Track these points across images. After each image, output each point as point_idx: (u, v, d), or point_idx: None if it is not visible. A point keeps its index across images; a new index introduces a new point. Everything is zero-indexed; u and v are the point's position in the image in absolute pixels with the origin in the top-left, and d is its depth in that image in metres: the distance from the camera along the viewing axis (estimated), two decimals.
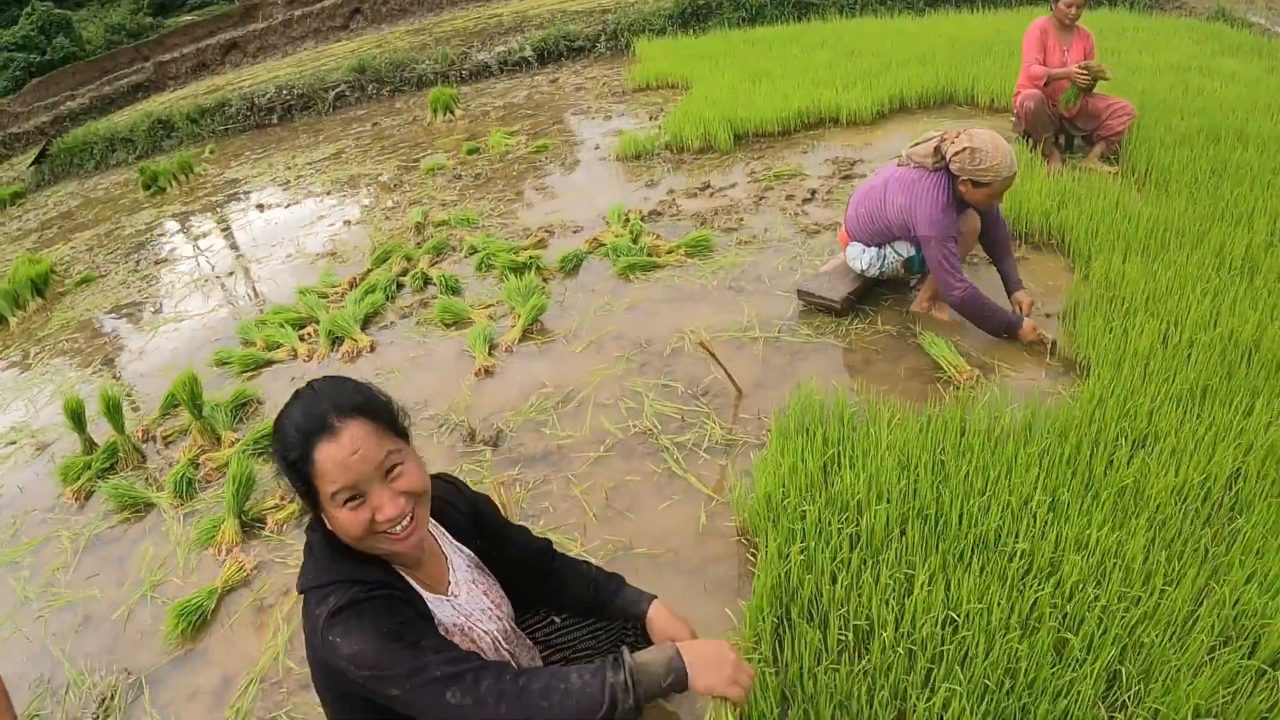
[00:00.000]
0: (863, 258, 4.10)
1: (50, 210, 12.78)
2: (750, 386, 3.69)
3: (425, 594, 1.68)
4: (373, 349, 5.03)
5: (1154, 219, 4.29)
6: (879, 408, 3.15)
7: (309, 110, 13.59)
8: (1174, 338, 3.27)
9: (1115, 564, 2.28)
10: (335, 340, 5.20)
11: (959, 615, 2.17)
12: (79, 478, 4.44)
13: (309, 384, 1.57)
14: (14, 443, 5.17)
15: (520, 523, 3.12)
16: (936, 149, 3.70)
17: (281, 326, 5.50)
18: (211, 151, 13.11)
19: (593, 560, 2.37)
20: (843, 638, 2.23)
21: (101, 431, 4.65)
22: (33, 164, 14.92)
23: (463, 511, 1.88)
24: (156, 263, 8.25)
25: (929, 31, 9.93)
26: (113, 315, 7.08)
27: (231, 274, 7.24)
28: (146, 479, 4.34)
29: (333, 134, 11.89)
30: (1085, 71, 5.28)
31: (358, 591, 1.50)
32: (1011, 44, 8.25)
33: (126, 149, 14.47)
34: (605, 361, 4.18)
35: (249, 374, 5.19)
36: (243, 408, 4.81)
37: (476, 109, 11.04)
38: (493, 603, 1.84)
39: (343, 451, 1.46)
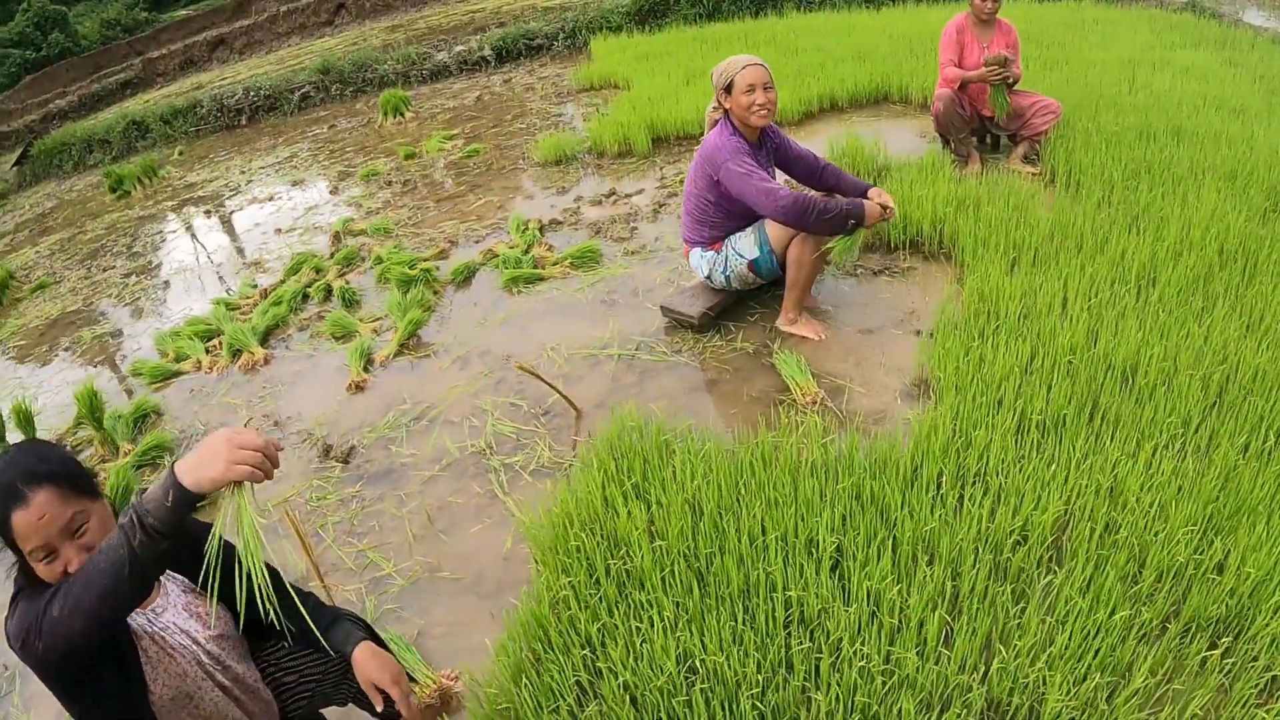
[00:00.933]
0: (703, 265, 4.07)
1: (26, 212, 12.86)
2: (593, 406, 3.72)
3: None
4: (267, 361, 5.08)
5: (1054, 225, 4.21)
6: (692, 435, 3.12)
7: (275, 111, 13.64)
8: (1041, 360, 3.15)
9: (889, 619, 2.14)
10: (236, 353, 5.25)
11: (702, 663, 2.12)
12: None
13: (7, 451, 1.67)
14: None
15: (350, 540, 3.21)
16: (716, 102, 3.89)
17: (191, 339, 5.56)
18: (181, 153, 13.16)
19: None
20: (579, 680, 2.24)
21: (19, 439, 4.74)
22: (15, 164, 15.01)
23: (184, 544, 1.94)
24: (105, 270, 8.31)
25: (881, 27, 9.87)
26: (56, 325, 7.14)
27: (166, 283, 7.30)
28: None
29: (292, 136, 11.93)
30: (997, 67, 5.15)
31: (27, 617, 1.59)
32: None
33: (103, 150, 14.55)
34: (466, 378, 4.22)
35: (158, 385, 5.25)
36: (144, 419, 4.86)
37: (428, 111, 11.06)
38: (201, 623, 1.91)
39: (31, 517, 1.60)
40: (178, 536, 1.52)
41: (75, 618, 1.50)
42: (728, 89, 3.74)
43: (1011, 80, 5.31)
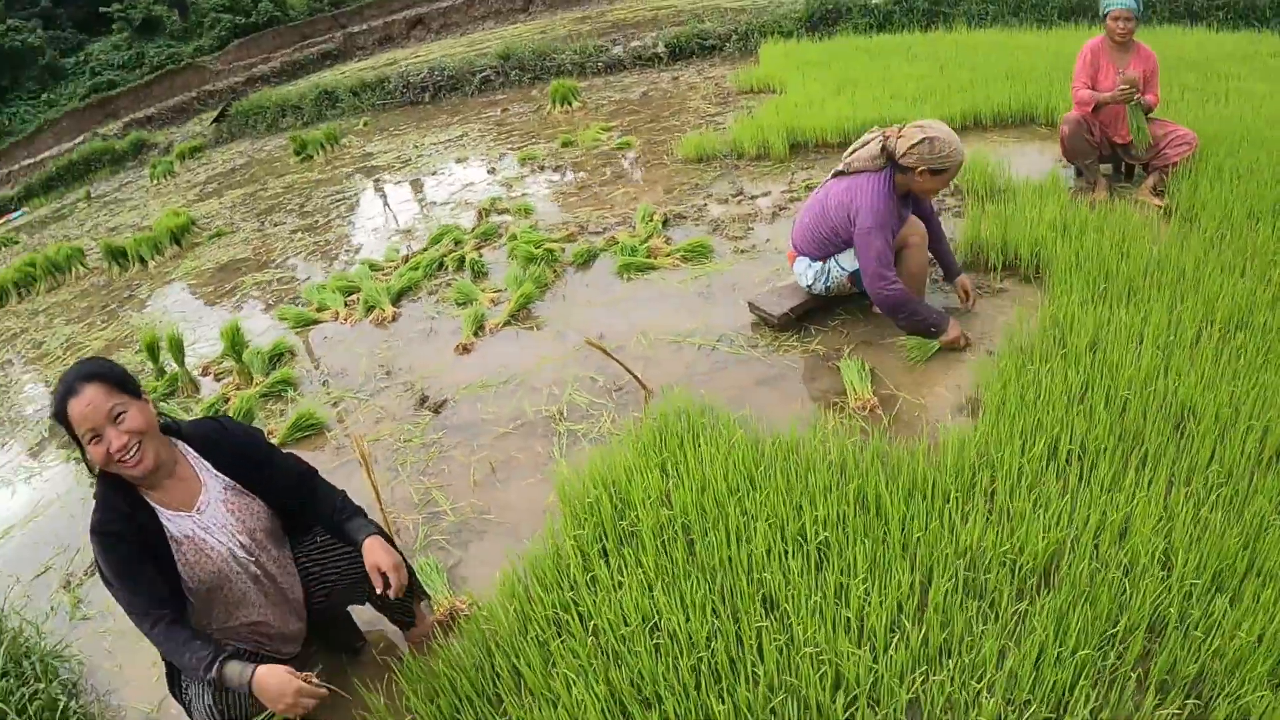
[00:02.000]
0: (808, 273, 4.30)
1: (218, 167, 14.20)
2: (663, 388, 4.02)
3: (164, 511, 2.26)
4: (395, 319, 5.66)
5: (1156, 259, 4.20)
6: (731, 421, 3.39)
7: (457, 91, 14.54)
8: (1094, 391, 3.21)
9: (846, 613, 2.33)
10: (370, 308, 5.83)
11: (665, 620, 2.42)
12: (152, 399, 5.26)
13: (75, 365, 2.18)
14: None
15: (421, 478, 3.66)
16: (882, 148, 3.90)
17: (334, 292, 6.22)
18: (366, 124, 14.21)
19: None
20: (557, 615, 2.57)
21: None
22: (214, 121, 16.49)
23: (224, 447, 2.40)
24: (276, 225, 9.21)
25: (1043, 46, 9.77)
26: (225, 269, 8.00)
27: (327, 241, 8.05)
28: (190, 405, 5.08)
29: (467, 116, 12.74)
30: (1129, 88, 5.09)
31: (98, 520, 2.19)
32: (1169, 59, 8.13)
33: (295, 115, 15.86)
34: (559, 351, 4.63)
35: (300, 329, 5.92)
36: (279, 357, 5.50)
37: (595, 102, 11.61)
38: (238, 519, 2.36)
39: (81, 404, 2.12)
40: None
41: (141, 626, 2.20)
42: (937, 170, 3.83)
43: (1146, 107, 5.27)
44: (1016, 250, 4.61)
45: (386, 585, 2.31)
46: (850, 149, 4.08)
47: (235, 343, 5.44)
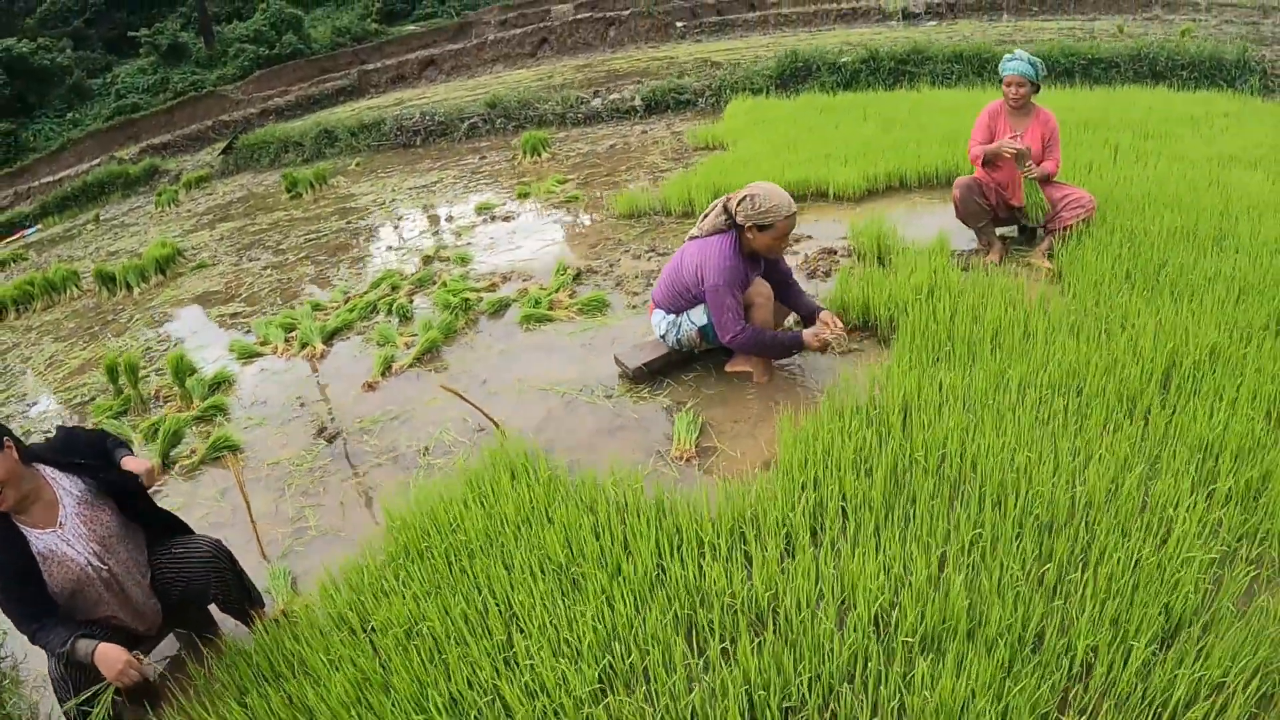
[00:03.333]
0: (662, 324, 4.71)
1: (218, 198, 14.93)
2: (519, 430, 4.58)
3: (30, 530, 2.87)
4: (323, 356, 6.26)
5: (1006, 322, 4.47)
6: (545, 466, 3.94)
7: (445, 136, 15.21)
8: (883, 453, 3.47)
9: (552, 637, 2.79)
10: (304, 344, 6.45)
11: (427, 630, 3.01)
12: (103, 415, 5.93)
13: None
14: (83, 384, 6.73)
15: (299, 498, 4.26)
16: (724, 208, 4.32)
17: (277, 328, 6.84)
18: (358, 165, 14.93)
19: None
20: (345, 615, 3.18)
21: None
22: (221, 153, 17.25)
23: (77, 448, 3.04)
24: (252, 260, 9.88)
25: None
26: (199, 299, 8.65)
27: (288, 279, 8.69)
28: (137, 422, 5.69)
29: (448, 162, 13.42)
30: (1015, 152, 5.26)
31: None
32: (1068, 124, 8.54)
33: (297, 152, 16.58)
34: (446, 394, 5.20)
35: (244, 360, 6.53)
36: (219, 385, 6.11)
37: (565, 153, 12.26)
38: (90, 529, 2.96)
39: None
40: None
41: (24, 632, 2.82)
42: (762, 227, 4.21)
43: (1044, 175, 5.44)
44: (875, 312, 5.03)
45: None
46: (702, 214, 4.54)
47: (179, 370, 6.08)
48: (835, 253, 6.48)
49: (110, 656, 2.71)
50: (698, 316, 4.61)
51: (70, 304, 10.11)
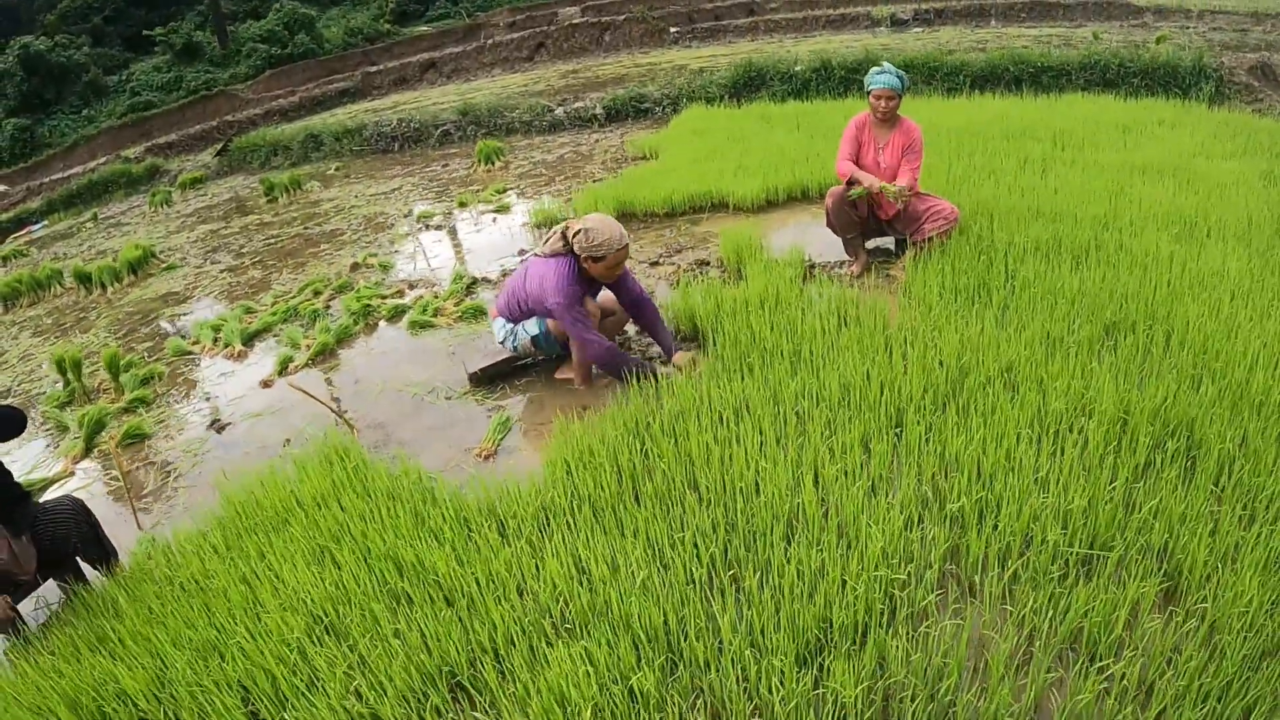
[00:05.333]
0: (501, 331, 5.18)
1: (207, 200, 15.84)
2: (368, 425, 5.37)
3: None
4: (242, 356, 7.07)
5: (807, 334, 4.76)
6: (362, 459, 4.78)
7: (420, 143, 16.02)
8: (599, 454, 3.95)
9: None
10: (227, 345, 7.28)
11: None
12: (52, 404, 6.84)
13: None
14: (45, 377, 7.62)
15: (180, 481, 5.08)
16: (563, 235, 4.67)
17: (208, 329, 7.68)
18: (338, 169, 15.76)
19: None
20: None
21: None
22: (216, 155, 18.14)
23: None
24: (214, 263, 10.74)
25: (941, 120, 10.32)
26: (162, 299, 9.53)
27: (238, 283, 9.53)
28: (75, 412, 6.51)
29: (414, 169, 14.23)
30: (895, 192, 5.46)
31: None
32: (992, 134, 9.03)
33: (285, 155, 17.45)
34: (325, 391, 6.01)
35: (175, 359, 7.39)
36: (149, 380, 6.95)
37: (519, 162, 13.00)
38: None
39: None
40: None
41: None
42: (596, 258, 4.60)
43: (902, 191, 5.56)
44: (700, 323, 5.36)
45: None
46: (544, 237, 4.89)
47: (113, 366, 6.94)
48: (707, 264, 7.01)
49: None
50: (531, 327, 5.16)
51: (53, 300, 11.02)
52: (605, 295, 5.31)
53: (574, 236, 4.63)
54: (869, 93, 5.67)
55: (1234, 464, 3.44)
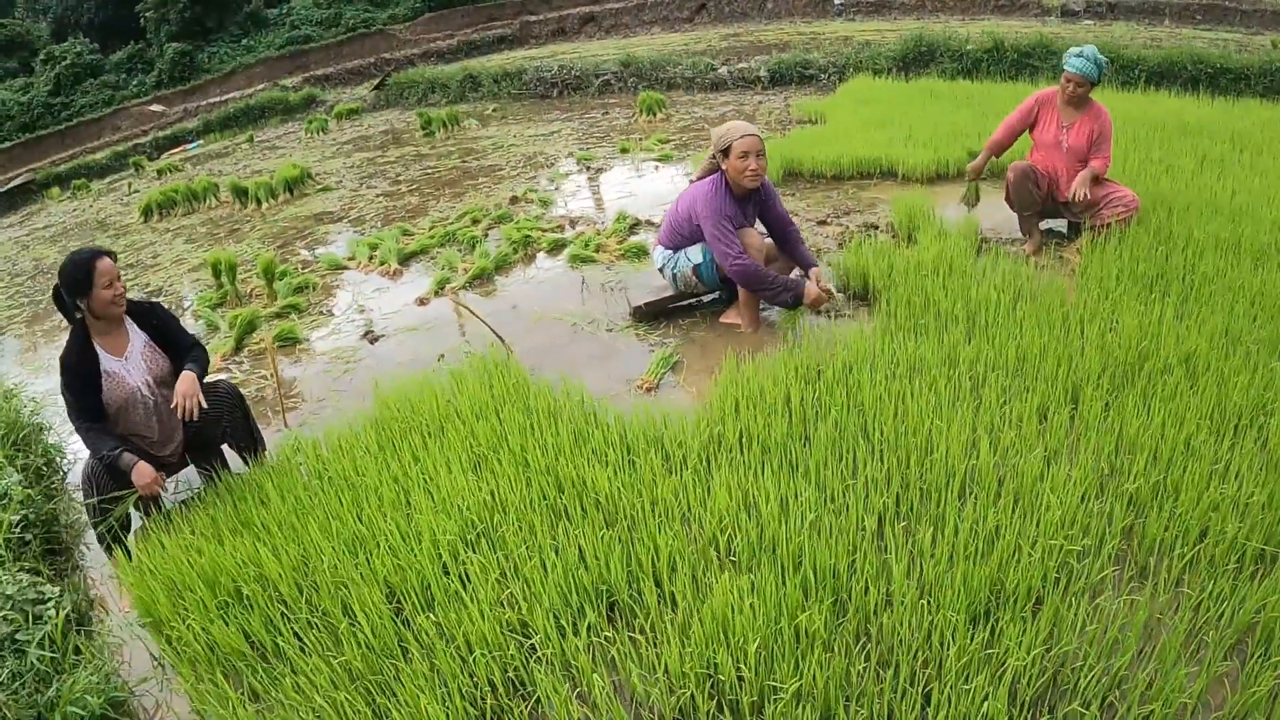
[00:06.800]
0: (660, 259, 5.17)
1: (363, 130, 16.15)
2: (526, 349, 5.22)
3: (103, 353, 3.74)
4: (397, 274, 7.06)
5: (984, 306, 4.61)
6: (526, 378, 4.61)
7: (580, 91, 15.93)
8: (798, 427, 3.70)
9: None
10: (383, 262, 7.27)
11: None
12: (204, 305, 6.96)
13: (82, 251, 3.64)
14: (197, 279, 7.78)
15: (330, 385, 5.03)
16: (710, 157, 4.82)
17: (365, 247, 7.69)
18: (495, 110, 15.81)
19: None
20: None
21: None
22: (374, 89, 18.45)
23: (153, 318, 3.86)
24: (370, 188, 10.84)
25: (1114, 106, 9.92)
26: (315, 217, 9.66)
27: (395, 205, 9.57)
28: (226, 312, 6.61)
29: (574, 115, 14.17)
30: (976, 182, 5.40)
31: (64, 353, 3.65)
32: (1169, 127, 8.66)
33: (443, 93, 17.63)
34: (482, 310, 5.89)
35: (330, 272, 7.42)
36: (302, 289, 6.99)
37: (680, 116, 12.78)
38: (147, 366, 3.83)
39: (105, 264, 3.60)
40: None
41: (74, 424, 3.65)
42: (725, 152, 4.62)
43: (1093, 173, 5.49)
44: (871, 282, 5.31)
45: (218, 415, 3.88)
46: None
47: (268, 272, 6.98)
48: (876, 227, 6.76)
49: (144, 470, 3.56)
50: (694, 254, 5.03)
51: (207, 212, 11.35)
52: (767, 243, 5.08)
53: (712, 141, 4.70)
54: (1062, 72, 5.57)
55: None
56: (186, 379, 3.75)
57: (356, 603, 2.86)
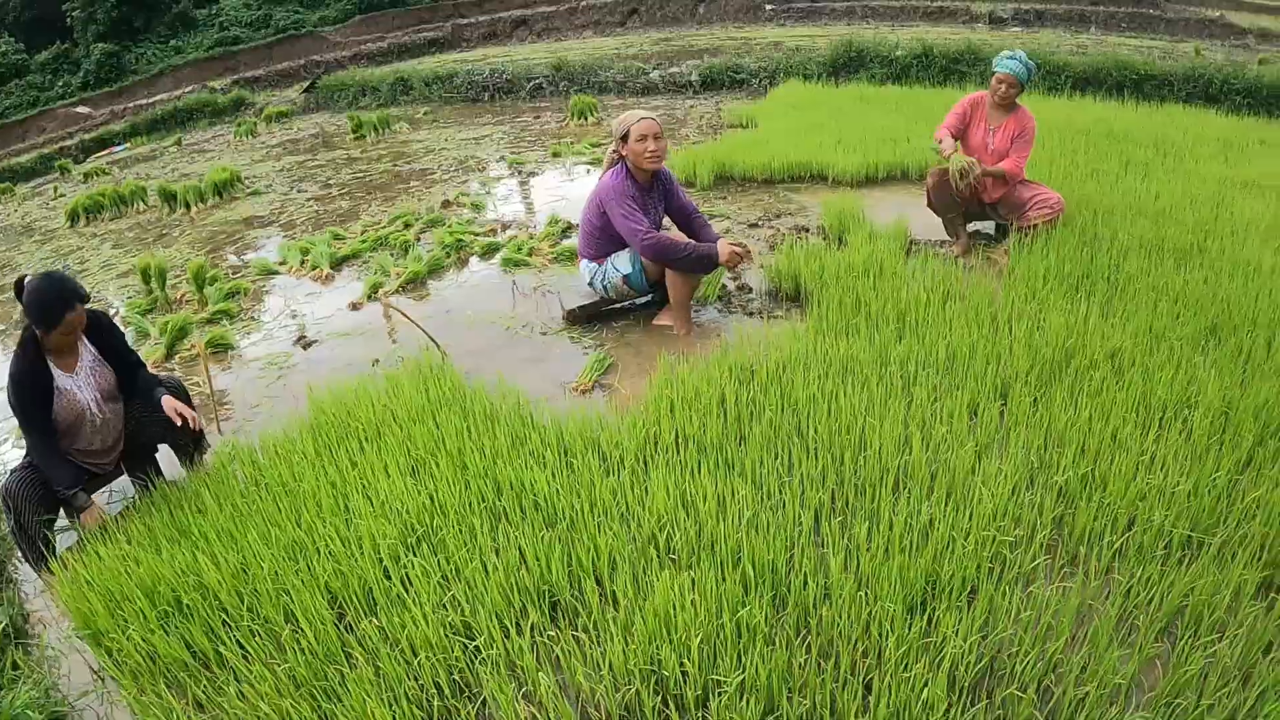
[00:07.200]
0: (588, 273, 5.19)
1: (292, 133, 15.93)
2: (464, 352, 5.23)
3: (55, 369, 3.69)
4: (329, 279, 6.99)
5: (913, 306, 4.76)
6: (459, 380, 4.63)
7: (511, 94, 15.91)
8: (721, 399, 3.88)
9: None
10: (314, 267, 7.20)
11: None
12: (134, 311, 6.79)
13: (44, 276, 3.56)
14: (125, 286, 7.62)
15: (262, 393, 4.99)
16: (612, 150, 4.97)
17: (296, 252, 7.61)
18: (426, 114, 15.72)
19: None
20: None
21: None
22: (303, 91, 18.23)
23: (102, 331, 3.81)
24: (301, 192, 10.72)
25: (1053, 113, 10.24)
26: (246, 222, 9.52)
27: (326, 211, 9.48)
28: (157, 318, 6.48)
29: (505, 119, 14.16)
30: (962, 167, 5.40)
31: (14, 369, 3.58)
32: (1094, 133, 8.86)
33: (373, 96, 17.47)
34: (415, 314, 5.87)
35: (260, 277, 7.32)
36: (233, 295, 6.89)
37: (612, 119, 12.74)
38: (98, 382, 3.79)
39: (74, 315, 3.53)
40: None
41: (25, 432, 3.59)
42: (624, 138, 4.75)
43: (1002, 174, 5.60)
44: (803, 284, 5.45)
45: (184, 425, 3.83)
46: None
47: (198, 277, 6.89)
48: (807, 230, 6.91)
49: (93, 514, 3.63)
50: (621, 264, 5.08)
51: (135, 216, 11.10)
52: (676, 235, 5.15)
53: (615, 140, 4.85)
54: (993, 74, 5.64)
55: None
56: (170, 401, 3.84)
57: (298, 609, 2.86)
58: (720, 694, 2.39)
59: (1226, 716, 2.32)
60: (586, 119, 12.62)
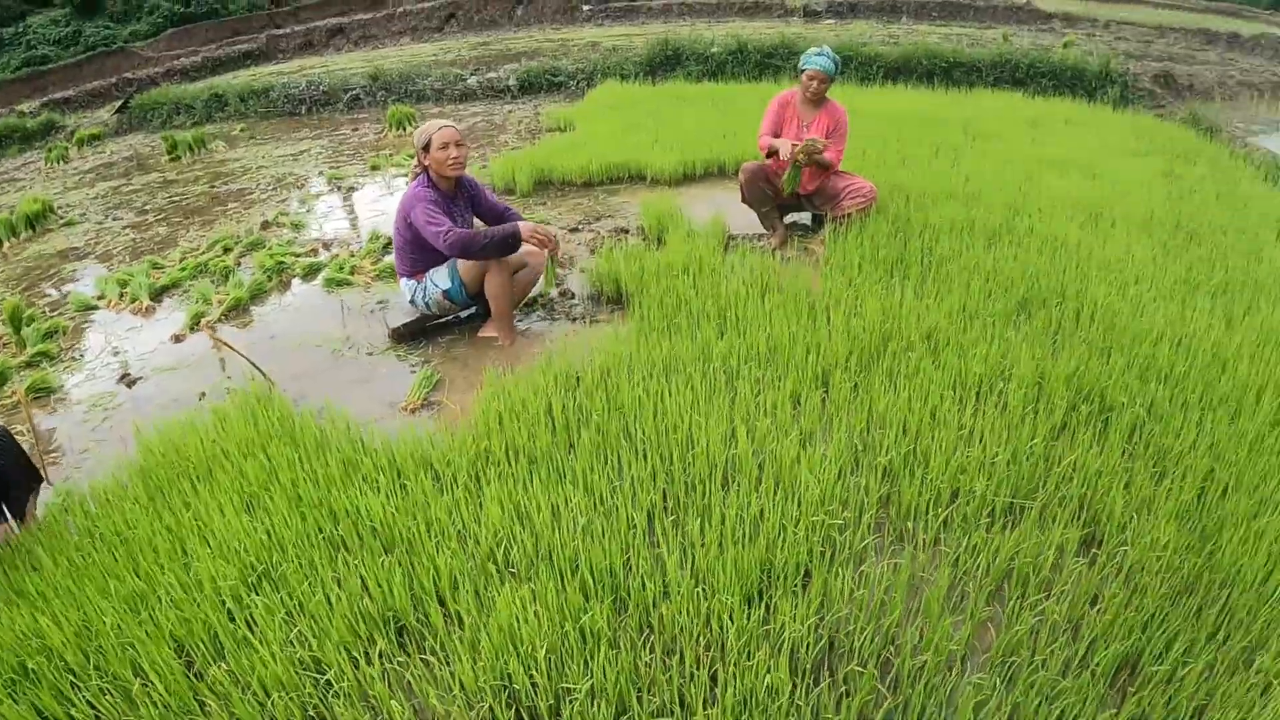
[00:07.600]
0: (408, 291, 5.14)
1: (106, 157, 14.99)
2: (289, 378, 5.16)
3: None
4: (149, 312, 6.71)
5: (734, 301, 4.85)
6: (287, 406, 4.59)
7: (329, 107, 15.48)
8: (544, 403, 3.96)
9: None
10: (133, 299, 6.91)
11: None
12: None
13: None
14: None
15: (88, 435, 4.79)
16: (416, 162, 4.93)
17: (114, 284, 7.26)
18: (243, 130, 15.10)
19: None
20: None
21: None
22: (115, 112, 17.24)
23: None
24: (116, 219, 10.17)
25: (865, 102, 10.62)
26: (61, 255, 8.99)
27: (142, 238, 9.06)
28: None
29: (323, 132, 13.75)
30: (804, 155, 5.44)
31: None
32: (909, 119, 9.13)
33: (188, 114, 16.64)
34: (240, 344, 5.74)
35: (80, 313, 6.97)
36: (52, 334, 6.54)
37: None
38: None
39: None
40: None
41: None
42: (426, 148, 4.75)
43: (825, 164, 5.66)
44: (624, 285, 5.55)
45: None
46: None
47: (14, 318, 6.50)
48: (627, 231, 7.05)
49: None
50: (440, 280, 5.10)
51: None
52: (515, 257, 5.14)
53: (417, 151, 4.87)
54: (802, 71, 5.71)
55: (1144, 427, 3.66)
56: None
57: (146, 662, 2.80)
58: (571, 701, 2.42)
59: (1059, 669, 2.47)
60: (405, 129, 12.43)
